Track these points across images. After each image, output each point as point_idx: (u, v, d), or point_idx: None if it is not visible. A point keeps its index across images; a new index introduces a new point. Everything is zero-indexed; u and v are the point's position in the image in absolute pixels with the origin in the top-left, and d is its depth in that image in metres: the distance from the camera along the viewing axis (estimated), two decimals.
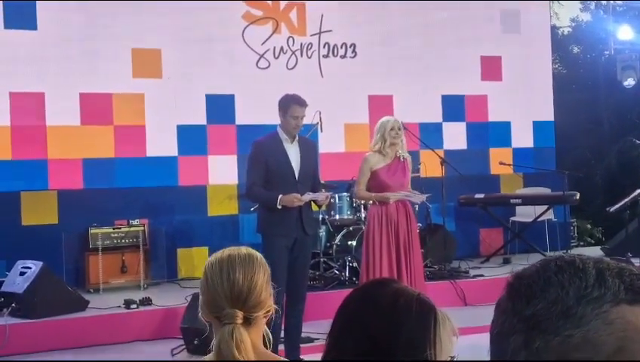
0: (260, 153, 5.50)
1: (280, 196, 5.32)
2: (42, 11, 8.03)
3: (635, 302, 0.95)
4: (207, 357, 2.04)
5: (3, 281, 6.72)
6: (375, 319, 1.41)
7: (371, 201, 5.96)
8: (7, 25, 7.91)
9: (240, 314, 1.98)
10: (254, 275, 2.04)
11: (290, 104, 5.42)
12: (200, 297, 2.11)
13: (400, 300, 1.44)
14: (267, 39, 8.93)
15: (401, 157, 5.85)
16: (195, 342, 5.72)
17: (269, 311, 2.08)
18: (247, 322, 2.00)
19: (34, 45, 7.99)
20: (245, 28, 8.84)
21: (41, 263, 6.61)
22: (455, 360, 1.41)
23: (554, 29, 12.99)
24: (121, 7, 8.30)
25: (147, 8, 8.41)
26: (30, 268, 6.59)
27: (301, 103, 5.45)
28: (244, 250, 2.11)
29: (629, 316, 0.94)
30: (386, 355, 1.36)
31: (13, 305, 6.36)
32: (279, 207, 5.32)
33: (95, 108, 8.19)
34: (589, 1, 15.29)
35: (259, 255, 2.13)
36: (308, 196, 5.44)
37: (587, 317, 0.94)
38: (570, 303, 0.95)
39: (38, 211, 7.94)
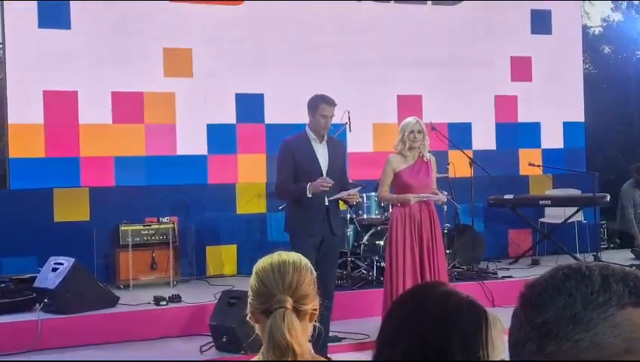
0: (289, 152, 5.53)
1: (308, 185, 5.35)
2: (75, 11, 8.14)
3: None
4: (256, 358, 2.07)
5: (35, 277, 6.80)
6: (426, 321, 1.41)
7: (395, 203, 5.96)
8: (41, 24, 8.04)
9: (290, 300, 2.04)
10: (304, 273, 2.12)
11: (319, 103, 5.44)
12: (249, 296, 2.15)
13: (450, 302, 1.45)
14: None
15: (425, 158, 5.84)
16: (224, 339, 5.77)
17: (315, 310, 2.12)
18: (296, 312, 2.04)
19: (67, 44, 8.11)
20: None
21: (73, 259, 6.67)
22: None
23: (585, 28, 12.89)
24: (153, 6, 8.39)
25: (179, 8, 8.49)
26: (62, 264, 6.66)
27: (330, 103, 5.47)
28: (294, 254, 2.18)
29: (634, 318, 0.99)
30: (439, 357, 1.37)
31: (45, 300, 6.44)
32: (309, 195, 5.34)
33: (127, 106, 8.30)
34: (620, 1, 15.14)
35: (308, 262, 2.18)
36: (340, 194, 5.47)
37: (594, 321, 0.98)
38: (578, 309, 1.00)
39: (70, 208, 8.05)
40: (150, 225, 7.94)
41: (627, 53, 14.36)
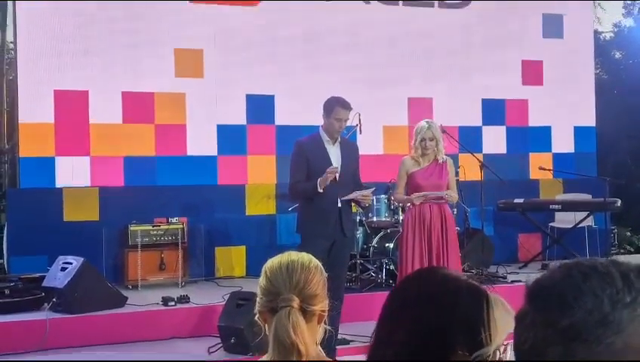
0: (302, 152, 5.53)
1: (318, 180, 5.34)
2: (87, 10, 8.15)
3: None
4: (264, 357, 2.05)
5: (44, 276, 6.80)
6: (427, 302, 1.40)
7: (408, 204, 5.96)
8: (54, 24, 8.05)
9: (297, 299, 2.01)
10: (313, 272, 2.10)
11: (334, 106, 5.43)
12: (257, 295, 2.13)
13: (450, 283, 1.44)
14: None
15: (440, 160, 5.83)
16: (232, 340, 5.75)
17: (324, 311, 2.09)
18: (303, 312, 2.02)
19: (78, 44, 8.11)
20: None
21: (82, 259, 6.67)
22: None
23: (596, 33, 12.85)
24: (164, 7, 8.40)
25: (190, 9, 8.50)
26: (71, 263, 6.66)
27: (346, 106, 5.46)
28: (304, 255, 2.15)
29: None
30: (439, 338, 1.35)
31: (54, 299, 6.43)
32: (320, 190, 5.33)
33: (137, 106, 8.30)
34: (631, 2, 15.09)
35: (319, 263, 2.16)
36: (354, 194, 5.45)
37: (624, 322, 0.95)
38: (607, 310, 0.96)
39: (80, 207, 8.05)
40: (159, 226, 7.93)
41: (638, 59, 14.30)
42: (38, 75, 7.99)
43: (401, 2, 9.38)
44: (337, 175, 5.44)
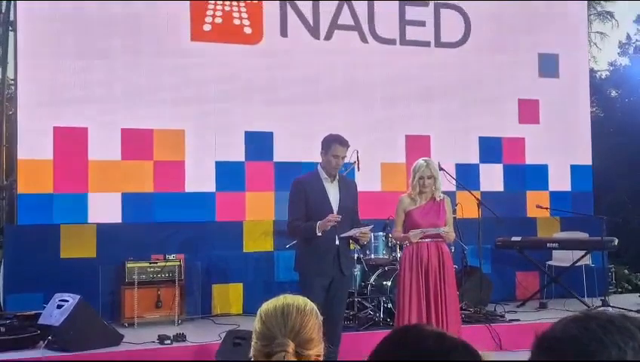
0: (301, 190, 5.54)
1: (318, 223, 5.35)
2: (88, 47, 8.22)
3: None
4: None
5: (40, 314, 6.76)
6: (424, 356, 1.39)
7: (406, 242, 5.96)
8: (55, 61, 8.11)
9: (292, 344, 2.00)
10: (308, 316, 2.09)
11: (332, 143, 5.46)
12: (252, 338, 2.12)
13: (446, 339, 1.42)
14: None
15: (438, 198, 5.85)
16: None
17: (319, 356, 2.08)
18: (298, 357, 2.00)
19: (79, 81, 8.17)
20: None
21: (78, 296, 6.63)
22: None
23: (592, 72, 12.97)
24: (164, 44, 8.48)
25: (191, 46, 8.57)
26: (67, 301, 6.62)
27: (343, 143, 5.49)
28: (300, 298, 2.15)
29: None
30: None
31: (49, 337, 6.38)
32: (319, 234, 5.34)
33: (136, 143, 8.33)
34: (626, 41, 15.25)
35: (314, 306, 2.15)
36: (352, 231, 5.46)
37: None
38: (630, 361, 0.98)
39: (77, 244, 8.03)
40: (156, 263, 7.91)
41: (634, 97, 14.43)
42: (38, 111, 8.02)
43: (397, 42, 9.47)
44: (335, 212, 5.45)
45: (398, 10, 9.49)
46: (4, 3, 9.44)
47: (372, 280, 7.74)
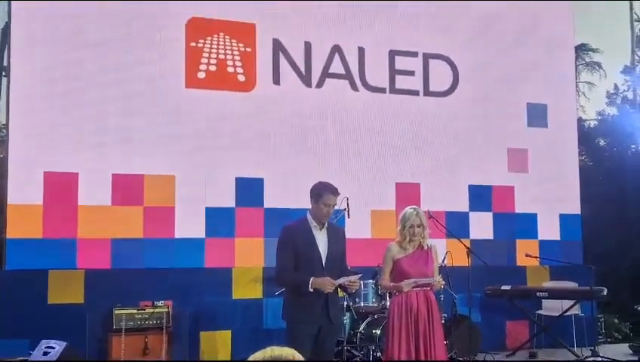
0: (289, 238, 5.51)
1: (312, 279, 5.30)
2: (79, 92, 8.27)
3: None
4: None
5: (26, 360, 6.69)
6: None
7: (395, 291, 5.94)
8: (47, 106, 8.15)
9: None
10: None
11: (322, 192, 5.46)
12: None
13: None
14: None
15: (425, 246, 5.86)
16: None
17: None
18: None
19: (70, 126, 8.21)
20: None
21: (64, 343, 6.59)
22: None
23: (580, 121, 13.11)
24: (155, 89, 8.55)
25: (182, 91, 8.65)
26: (54, 347, 6.57)
27: (334, 192, 5.49)
28: (287, 350, 2.13)
29: None
30: None
31: None
32: (311, 290, 5.30)
33: (127, 188, 8.33)
34: (614, 91, 15.44)
35: (301, 357, 2.14)
36: (341, 280, 5.42)
37: None
38: None
39: (65, 290, 7.97)
40: (144, 309, 7.85)
41: (622, 147, 14.57)
42: (28, 156, 8.04)
43: (387, 90, 9.59)
44: (324, 260, 5.43)
45: (388, 60, 9.62)
46: None
47: (361, 328, 7.70)
